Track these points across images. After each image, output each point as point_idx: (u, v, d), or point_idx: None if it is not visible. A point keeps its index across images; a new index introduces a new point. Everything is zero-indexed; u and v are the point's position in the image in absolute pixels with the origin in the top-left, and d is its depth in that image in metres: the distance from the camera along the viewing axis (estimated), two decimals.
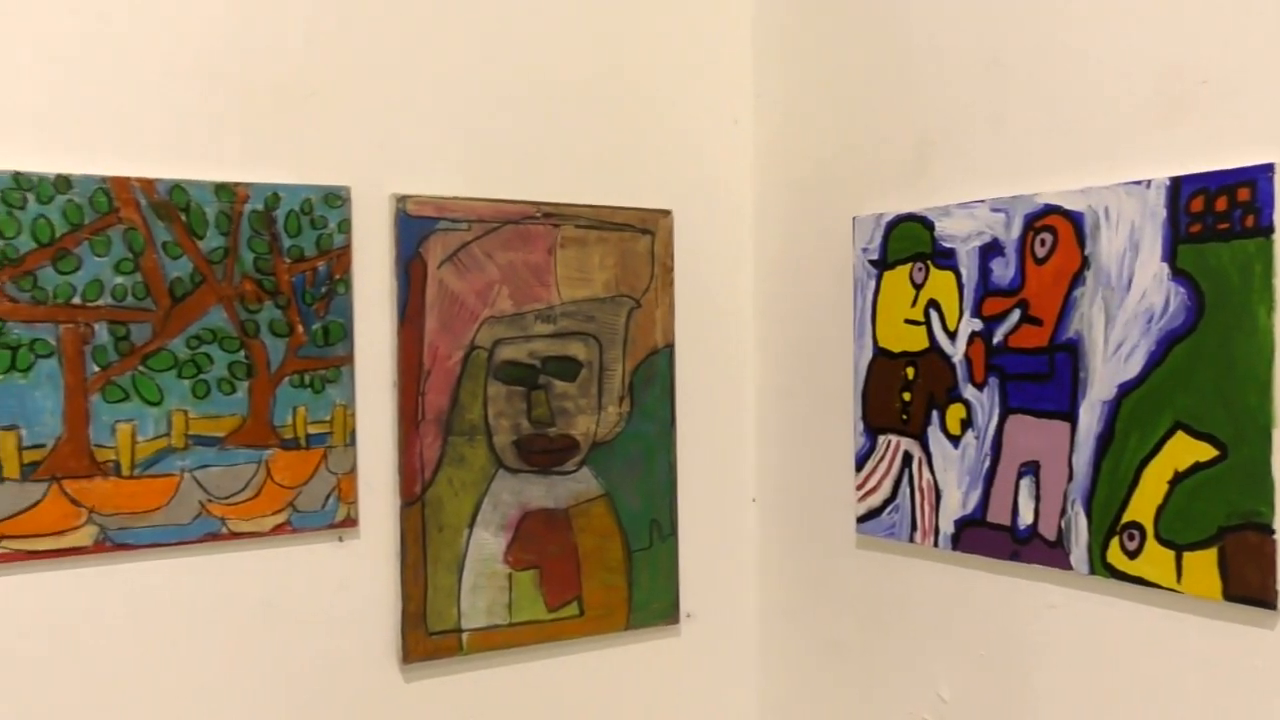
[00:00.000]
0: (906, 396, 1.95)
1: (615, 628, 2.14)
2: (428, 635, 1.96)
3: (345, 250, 1.88)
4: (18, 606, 1.67)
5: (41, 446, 1.67)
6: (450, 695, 2.00)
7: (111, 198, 1.70)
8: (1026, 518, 1.76)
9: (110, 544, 1.72)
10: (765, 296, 2.28)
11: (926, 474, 1.92)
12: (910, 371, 1.94)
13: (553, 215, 2.06)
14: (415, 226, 1.93)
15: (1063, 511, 1.71)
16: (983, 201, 1.82)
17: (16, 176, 1.64)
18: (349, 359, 1.88)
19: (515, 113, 2.04)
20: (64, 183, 1.67)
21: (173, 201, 1.74)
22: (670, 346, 2.19)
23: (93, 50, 1.70)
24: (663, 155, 2.20)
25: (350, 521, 1.89)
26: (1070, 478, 1.70)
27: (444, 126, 1.98)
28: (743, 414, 2.30)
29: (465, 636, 1.99)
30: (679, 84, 2.22)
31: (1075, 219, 1.68)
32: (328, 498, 1.87)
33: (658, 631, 2.20)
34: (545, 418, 2.05)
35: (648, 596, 2.17)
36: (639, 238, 2.14)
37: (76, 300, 1.68)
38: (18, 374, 1.65)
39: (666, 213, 2.18)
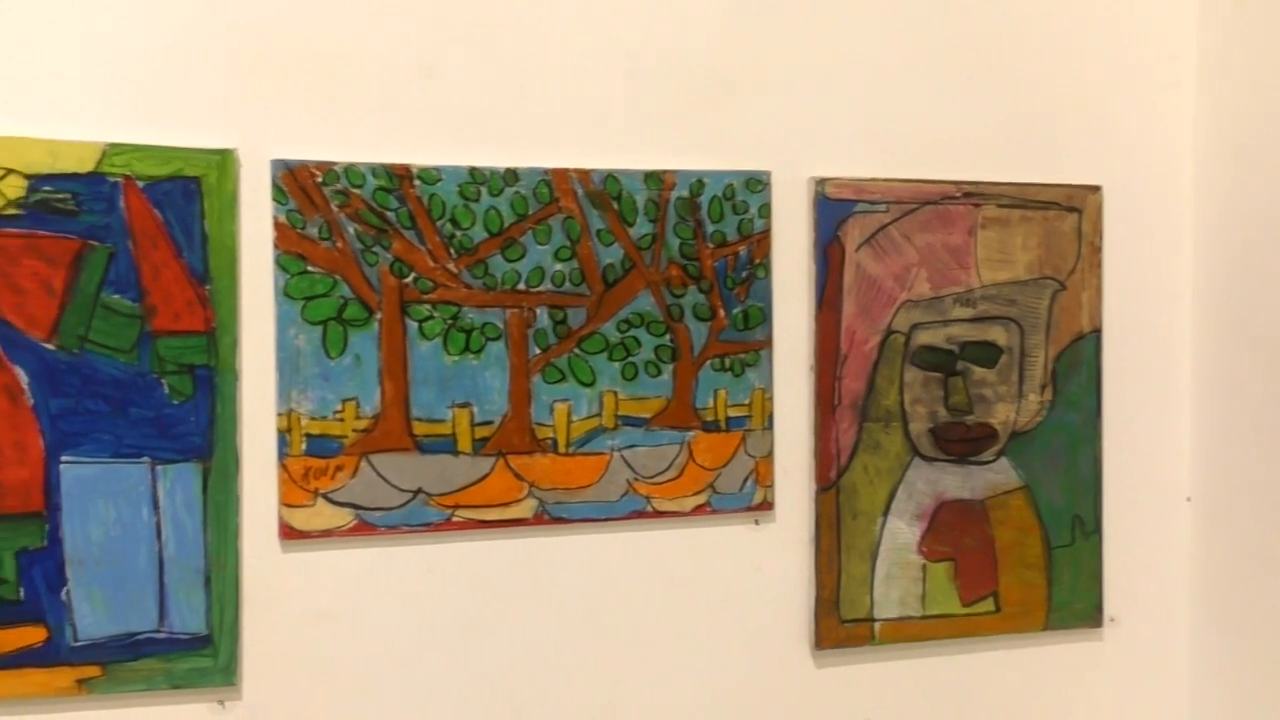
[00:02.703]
0: None
1: (1033, 627, 2.03)
2: (840, 623, 1.94)
3: (765, 234, 1.88)
4: (470, 572, 1.80)
5: (490, 423, 1.78)
6: (860, 684, 1.97)
7: (552, 188, 1.79)
8: None
9: (548, 517, 1.82)
10: (1205, 278, 2.07)
11: None
12: None
13: (973, 195, 1.97)
14: (834, 209, 1.90)
15: None
16: None
17: (472, 171, 1.76)
18: (767, 343, 1.89)
19: (933, 89, 1.97)
20: (512, 176, 1.78)
21: (606, 190, 1.81)
22: (1097, 331, 2.04)
23: (537, 52, 1.80)
24: (1091, 126, 2.05)
25: (766, 505, 1.90)
26: None
27: (861, 107, 1.94)
28: (1177, 406, 2.11)
29: (877, 626, 1.95)
30: (1109, 47, 2.06)
31: None
32: (745, 480, 1.89)
33: (1078, 634, 2.07)
34: (963, 405, 1.97)
35: (1068, 596, 2.04)
36: (1065, 216, 2.01)
37: (521, 286, 1.79)
38: (471, 355, 1.77)
39: (1095, 189, 2.03)
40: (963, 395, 1.97)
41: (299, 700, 1.73)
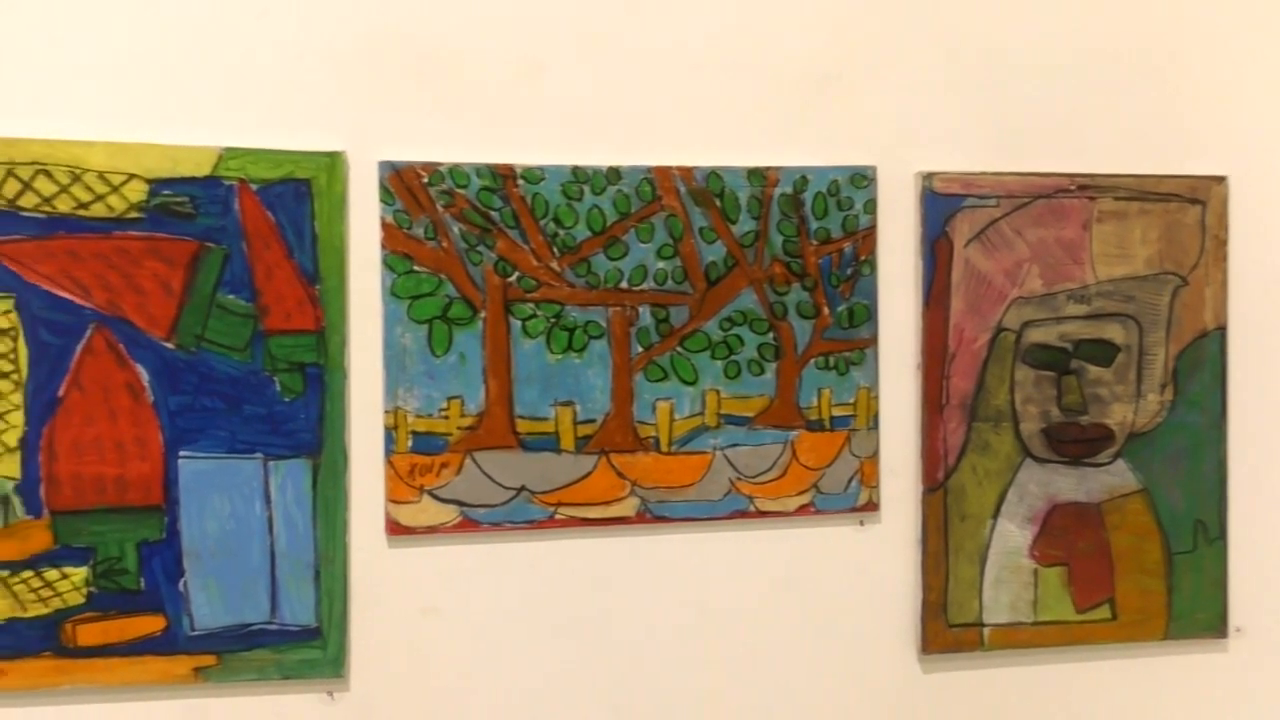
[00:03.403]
0: None
1: (1152, 636, 1.96)
2: (948, 627, 1.89)
3: (870, 231, 1.85)
4: (572, 569, 1.80)
5: (592, 421, 1.79)
6: (969, 690, 1.93)
7: (655, 186, 1.79)
8: None
9: (650, 516, 1.81)
10: None
11: None
12: None
13: (1089, 187, 1.90)
14: (941, 204, 1.86)
15: None
16: None
17: (575, 170, 1.77)
18: (873, 341, 1.86)
19: (1045, 79, 1.91)
20: (614, 174, 1.78)
21: (709, 188, 1.80)
22: (1222, 329, 1.95)
23: (640, 50, 1.79)
24: (1215, 114, 1.96)
25: (871, 506, 1.87)
26: None
27: (969, 100, 1.89)
28: None
29: (987, 631, 1.90)
30: (1234, 31, 1.97)
31: None
32: (850, 480, 1.86)
33: (1201, 645, 1.99)
34: (1077, 405, 1.91)
35: (1190, 605, 1.96)
36: (1187, 208, 1.93)
37: (624, 285, 1.79)
38: (574, 354, 1.78)
39: (1220, 179, 1.94)
40: (1077, 395, 1.90)
41: (405, 693, 1.76)
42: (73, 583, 1.64)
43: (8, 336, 1.62)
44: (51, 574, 1.64)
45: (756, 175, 1.81)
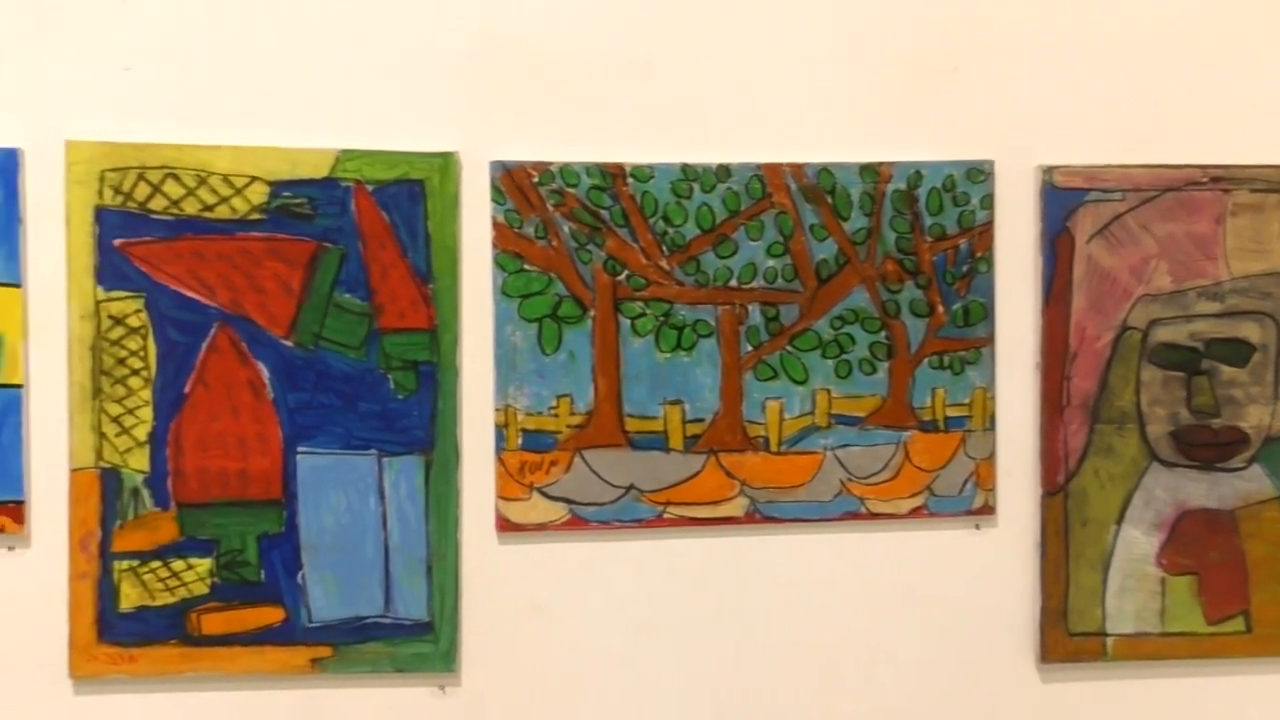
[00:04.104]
0: None
1: None
2: (1068, 635, 1.83)
3: (987, 227, 1.80)
4: (680, 569, 1.80)
5: (701, 421, 1.78)
6: (1091, 702, 1.86)
7: (765, 184, 1.77)
8: None
9: (759, 516, 1.79)
10: None
11: None
12: None
13: (1222, 179, 1.82)
14: (1063, 199, 1.80)
15: None
16: None
17: (684, 168, 1.76)
18: (989, 340, 1.81)
19: (1173, 65, 1.83)
20: (724, 172, 1.76)
21: (820, 184, 1.78)
22: None
23: (749, 46, 1.78)
24: None
25: (987, 509, 1.82)
26: None
27: (1092, 89, 1.83)
28: None
29: (1110, 641, 1.84)
30: None
31: None
32: (965, 483, 1.81)
33: None
34: (1208, 407, 1.82)
35: None
36: None
37: (733, 283, 1.77)
38: (683, 352, 1.77)
39: None
40: (1208, 396, 1.82)
41: (515, 689, 1.77)
42: (197, 573, 1.70)
43: (138, 335, 1.69)
44: (178, 564, 1.70)
45: (869, 171, 1.78)
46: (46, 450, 1.68)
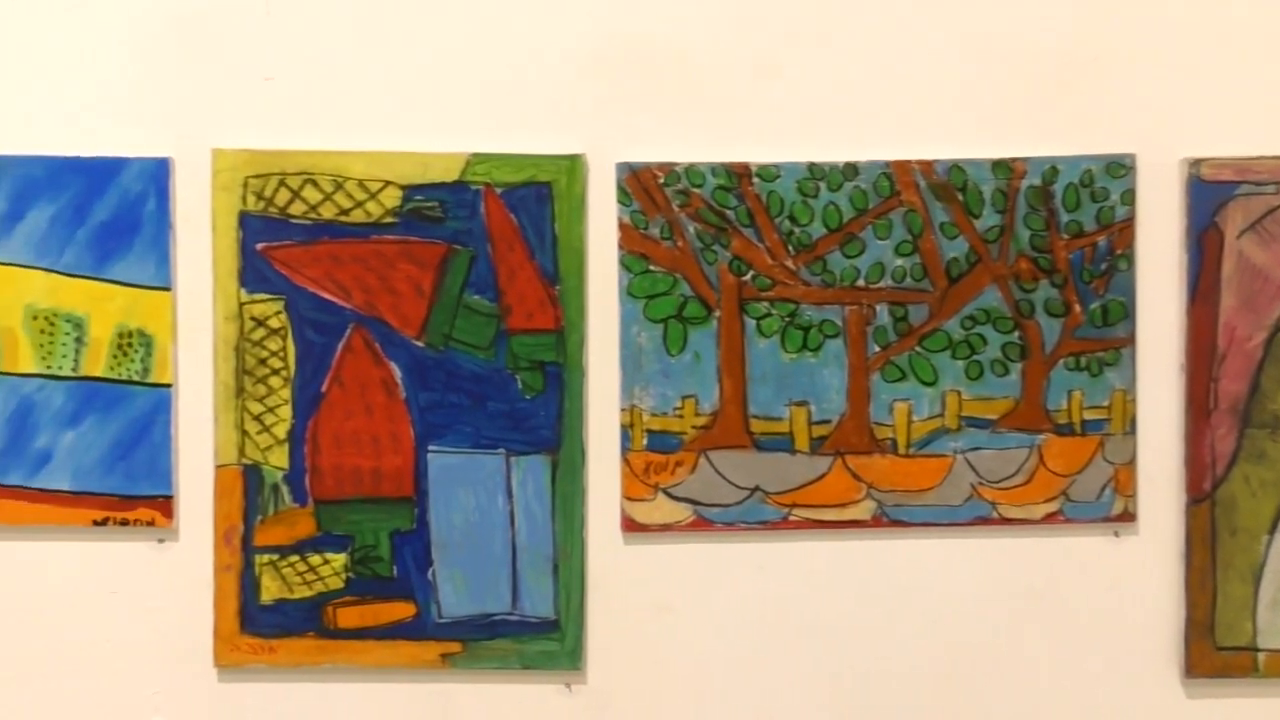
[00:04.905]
0: None
1: None
2: (1215, 649, 1.75)
3: (1128, 223, 1.74)
4: (806, 571, 1.77)
5: (827, 422, 1.76)
6: (1240, 719, 1.78)
7: (893, 181, 1.74)
8: None
9: (887, 520, 1.76)
10: None
11: None
12: None
13: None
14: (1210, 193, 1.73)
15: None
16: None
17: (810, 167, 1.74)
18: (1130, 340, 1.74)
19: None
20: (851, 170, 1.74)
21: (950, 182, 1.74)
22: None
23: (876, 40, 1.75)
24: None
25: (1128, 516, 1.76)
26: None
27: (1241, 76, 1.75)
28: None
29: (1262, 657, 1.75)
30: None
31: None
32: (1103, 489, 1.75)
33: None
34: None
35: None
36: None
37: (860, 283, 1.75)
38: (809, 353, 1.75)
39: None
40: None
41: (640, 688, 1.78)
42: (333, 568, 1.75)
43: (278, 336, 1.75)
44: (315, 559, 1.75)
45: (1002, 167, 1.73)
46: (193, 447, 1.75)
